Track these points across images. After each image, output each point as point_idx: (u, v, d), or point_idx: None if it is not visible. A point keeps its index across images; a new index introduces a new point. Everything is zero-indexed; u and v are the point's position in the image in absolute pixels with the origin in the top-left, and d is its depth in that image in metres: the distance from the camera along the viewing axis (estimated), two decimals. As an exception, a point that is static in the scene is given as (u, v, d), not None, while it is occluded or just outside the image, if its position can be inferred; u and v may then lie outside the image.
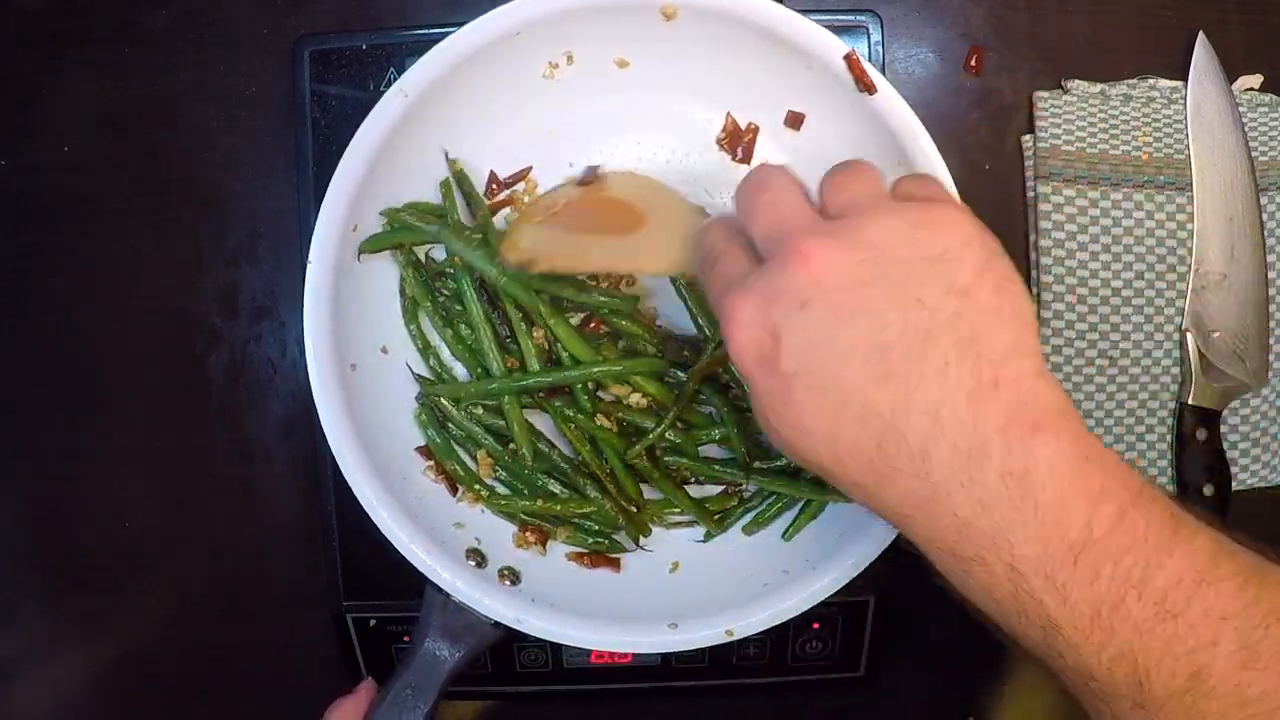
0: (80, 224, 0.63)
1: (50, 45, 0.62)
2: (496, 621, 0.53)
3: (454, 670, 0.53)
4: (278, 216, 0.62)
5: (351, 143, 0.50)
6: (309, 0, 0.61)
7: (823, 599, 0.52)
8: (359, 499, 0.52)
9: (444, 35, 0.50)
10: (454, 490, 0.56)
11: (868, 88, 0.50)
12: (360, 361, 0.54)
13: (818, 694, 0.64)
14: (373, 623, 0.61)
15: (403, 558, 0.52)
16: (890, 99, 0.51)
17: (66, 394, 0.64)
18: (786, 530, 0.56)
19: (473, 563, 0.54)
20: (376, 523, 0.52)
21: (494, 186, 0.56)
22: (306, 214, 0.57)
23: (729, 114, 0.56)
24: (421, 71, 0.51)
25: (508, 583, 0.54)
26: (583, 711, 0.66)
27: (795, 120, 0.55)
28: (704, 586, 0.56)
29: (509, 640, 0.55)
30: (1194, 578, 0.32)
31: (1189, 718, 0.33)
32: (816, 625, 0.61)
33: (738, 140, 0.56)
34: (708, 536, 0.57)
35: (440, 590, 0.53)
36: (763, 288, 0.36)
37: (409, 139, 0.52)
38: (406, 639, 0.61)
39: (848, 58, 0.50)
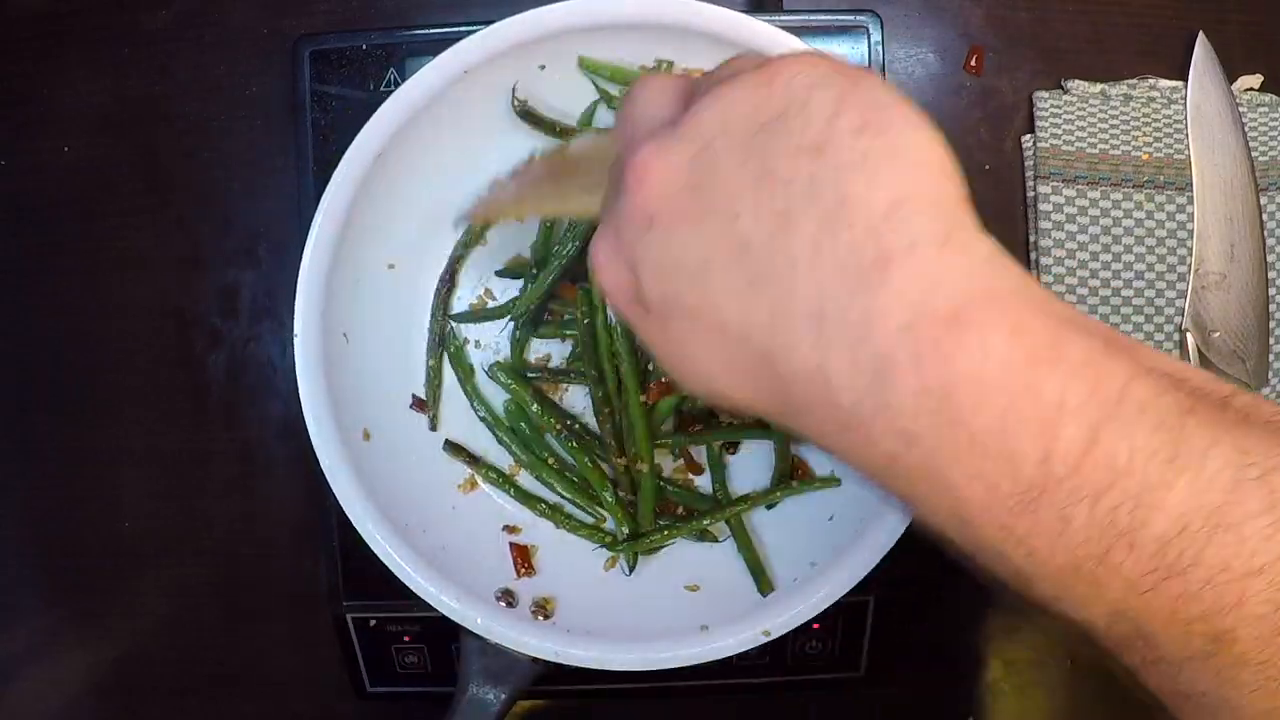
0: (80, 224, 0.63)
1: (50, 45, 0.62)
2: (535, 658, 0.53)
3: (501, 712, 0.54)
4: (278, 216, 0.62)
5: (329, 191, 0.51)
6: (309, 0, 0.61)
7: (860, 579, 0.51)
8: (383, 560, 0.52)
9: (444, 35, 0.50)
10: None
11: None
12: (371, 424, 0.54)
13: (818, 694, 0.64)
14: (373, 623, 0.61)
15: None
16: None
17: (66, 394, 0.64)
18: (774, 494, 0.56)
19: (503, 603, 0.54)
20: (404, 580, 0.52)
21: None
22: (306, 214, 0.57)
23: None
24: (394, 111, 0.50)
25: (541, 617, 0.54)
26: (582, 711, 0.66)
27: None
28: (733, 590, 0.55)
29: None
30: (1205, 520, 0.24)
31: (1219, 683, 0.25)
32: (816, 625, 0.60)
33: None
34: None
35: (476, 635, 0.53)
36: (612, 219, 0.30)
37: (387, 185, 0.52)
38: (407, 639, 0.61)
39: None
